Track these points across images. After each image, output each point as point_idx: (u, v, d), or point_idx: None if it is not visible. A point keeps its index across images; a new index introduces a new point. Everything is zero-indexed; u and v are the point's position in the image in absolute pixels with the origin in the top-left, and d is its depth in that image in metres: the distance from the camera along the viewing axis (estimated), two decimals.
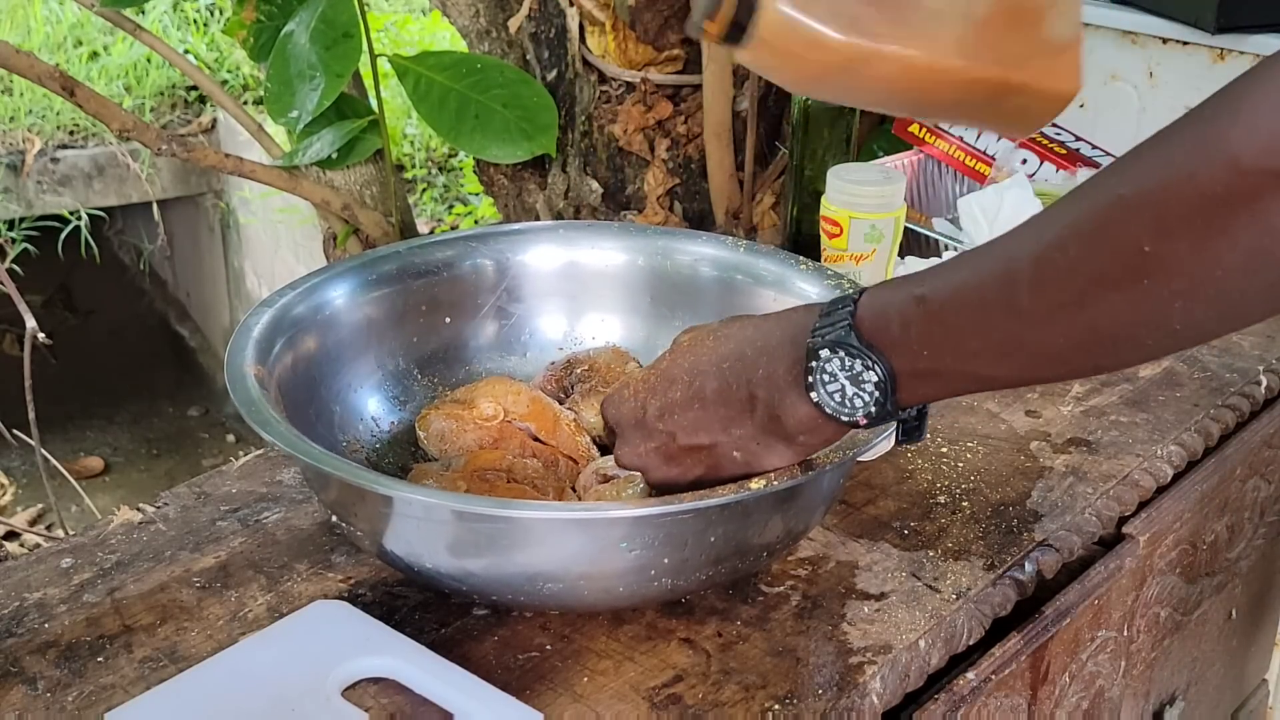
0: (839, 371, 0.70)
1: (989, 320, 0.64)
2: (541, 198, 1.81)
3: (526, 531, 0.78)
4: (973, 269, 0.65)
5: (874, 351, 0.69)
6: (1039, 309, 0.61)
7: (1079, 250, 0.59)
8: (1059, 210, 0.62)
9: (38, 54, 1.87)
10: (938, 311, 0.66)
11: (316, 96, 1.47)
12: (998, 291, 0.63)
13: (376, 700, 0.78)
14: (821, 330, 0.70)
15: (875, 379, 0.69)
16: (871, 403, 0.70)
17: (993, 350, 0.65)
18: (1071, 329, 0.61)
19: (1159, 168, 0.56)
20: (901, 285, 0.69)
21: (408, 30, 3.88)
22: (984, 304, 0.64)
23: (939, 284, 0.66)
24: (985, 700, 0.89)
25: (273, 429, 0.81)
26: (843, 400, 0.70)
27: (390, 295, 1.02)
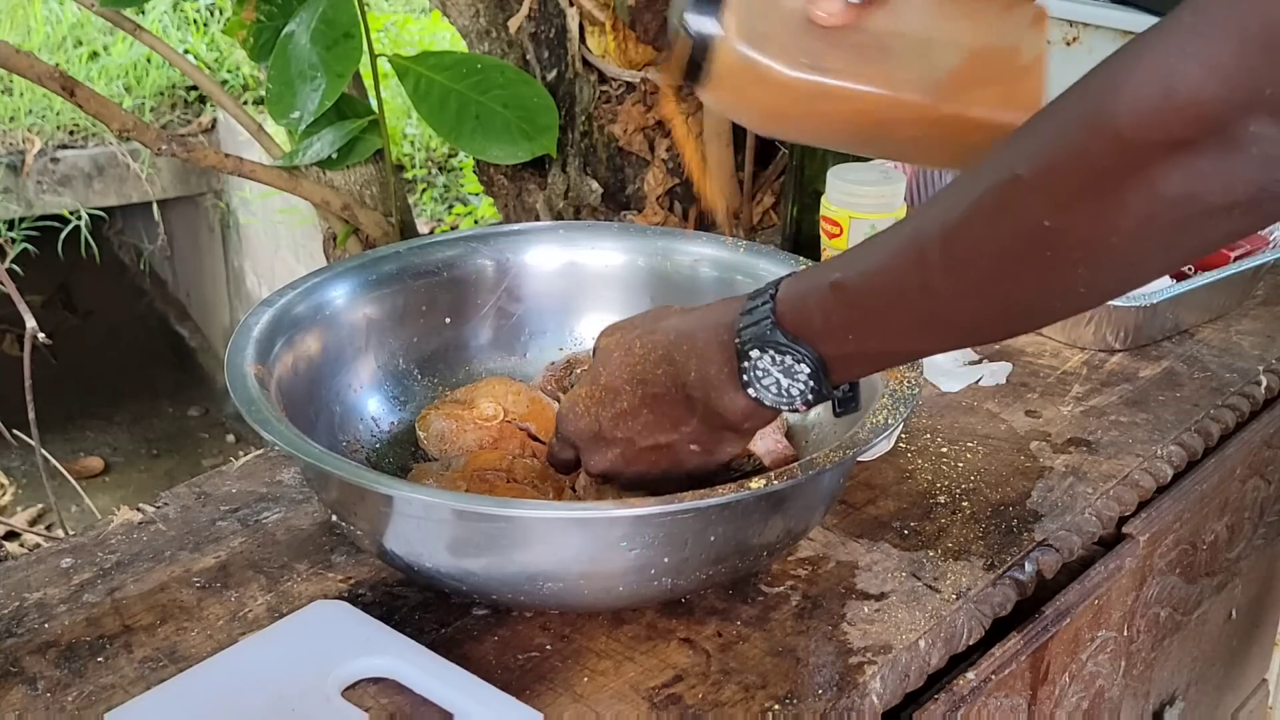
0: (771, 367, 0.72)
1: (905, 302, 0.67)
2: (541, 198, 1.81)
3: (527, 531, 0.78)
4: (885, 252, 0.68)
5: (800, 344, 0.71)
6: (951, 287, 0.64)
7: (983, 230, 0.61)
8: (962, 187, 0.63)
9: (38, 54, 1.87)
10: (855, 298, 0.69)
11: (318, 97, 1.47)
12: (911, 273, 0.65)
13: (376, 700, 0.78)
14: (746, 329, 0.72)
15: (807, 370, 0.71)
16: (808, 391, 0.72)
17: (913, 328, 0.68)
18: (984, 302, 0.64)
19: (1051, 145, 0.58)
20: (816, 274, 0.71)
21: (408, 30, 3.88)
22: (899, 287, 0.66)
23: (853, 270, 0.69)
24: (985, 700, 0.89)
25: (273, 428, 0.81)
26: (779, 392, 0.73)
27: (390, 295, 1.02)
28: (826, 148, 1.21)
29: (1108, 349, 1.22)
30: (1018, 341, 1.23)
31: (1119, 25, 1.56)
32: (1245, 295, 1.31)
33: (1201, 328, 1.26)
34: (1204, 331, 1.26)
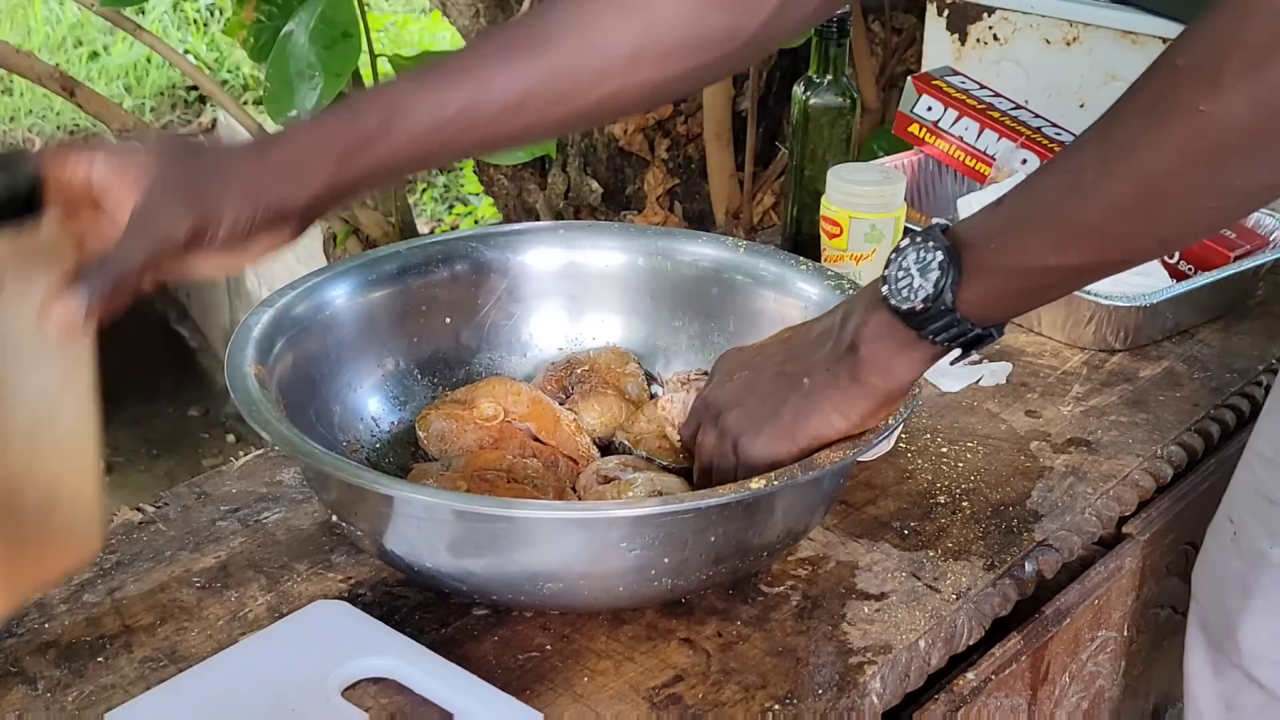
0: (912, 265, 0.74)
1: (1056, 204, 0.68)
2: (541, 198, 1.81)
3: (527, 531, 0.78)
4: (1043, 167, 0.71)
5: (947, 244, 0.73)
6: (1104, 185, 0.66)
7: (1139, 122, 0.63)
8: (1119, 99, 0.66)
9: (38, 54, 1.87)
10: (1007, 206, 0.71)
11: (315, 96, 1.47)
12: (1064, 176, 0.68)
13: (376, 700, 0.78)
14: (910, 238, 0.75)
15: (940, 260, 0.72)
16: (932, 285, 0.73)
17: (1058, 235, 0.69)
18: (1135, 200, 0.65)
19: (1207, 34, 0.60)
20: (993, 201, 0.74)
21: (408, 30, 3.88)
22: (1052, 188, 0.69)
23: (1014, 190, 0.71)
24: (985, 700, 0.90)
25: (272, 429, 0.81)
26: (908, 290, 0.74)
27: (390, 295, 1.02)
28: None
29: (1108, 349, 1.22)
30: (1018, 341, 1.23)
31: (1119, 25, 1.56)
32: (1245, 295, 1.31)
33: (1201, 328, 1.26)
34: (1204, 331, 1.26)
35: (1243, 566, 0.92)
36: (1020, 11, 1.60)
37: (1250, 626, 0.91)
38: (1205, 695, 0.95)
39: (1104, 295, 1.18)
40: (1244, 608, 0.92)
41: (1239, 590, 0.92)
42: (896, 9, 1.79)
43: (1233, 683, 0.93)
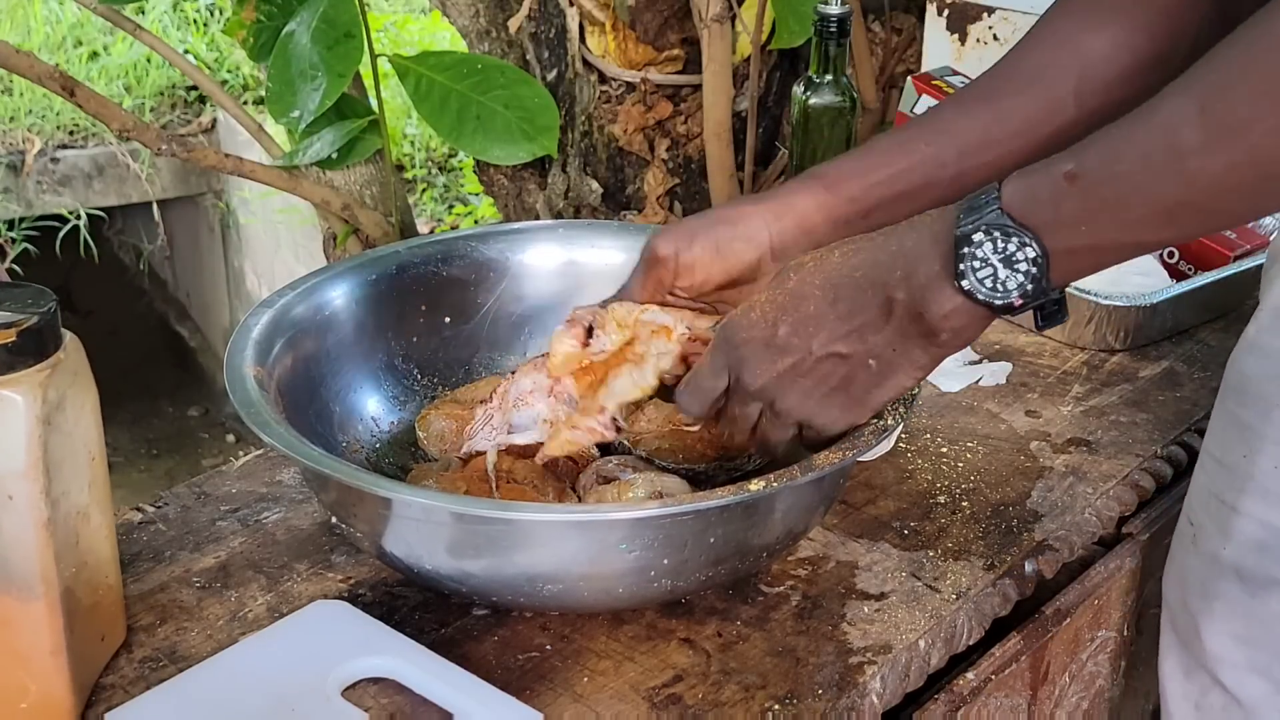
0: (991, 255, 0.70)
1: (1155, 185, 0.66)
2: (541, 198, 1.81)
3: (526, 533, 0.78)
4: (1126, 140, 0.67)
5: (1027, 231, 0.69)
6: (1209, 169, 0.64)
7: (1249, 108, 0.62)
8: (1208, 74, 0.64)
9: (38, 54, 1.87)
10: (1096, 186, 0.68)
11: (318, 96, 1.47)
12: (1162, 157, 0.65)
13: (376, 700, 0.78)
14: (968, 218, 0.71)
15: (1031, 255, 0.69)
16: (1028, 281, 0.70)
17: (1158, 215, 0.67)
18: (1244, 186, 0.64)
19: None
20: (1046, 168, 0.70)
21: (408, 30, 3.88)
22: (1148, 169, 0.66)
23: (1092, 160, 0.68)
24: (985, 700, 0.90)
25: (272, 431, 0.81)
26: (994, 284, 0.71)
27: (390, 295, 1.02)
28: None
29: (1108, 349, 1.22)
30: (1018, 341, 1.23)
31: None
32: (1245, 295, 1.31)
33: (1201, 328, 1.26)
34: (1204, 331, 1.26)
35: (1201, 568, 0.92)
36: (1020, 11, 1.60)
37: (1211, 629, 0.91)
38: (1176, 697, 0.95)
39: (1104, 295, 1.18)
40: (1204, 609, 0.91)
41: (1199, 592, 0.92)
42: (896, 9, 1.79)
43: (1200, 684, 0.93)
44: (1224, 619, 0.90)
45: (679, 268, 0.86)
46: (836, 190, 0.85)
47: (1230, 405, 0.90)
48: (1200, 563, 0.92)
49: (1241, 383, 0.88)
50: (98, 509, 0.78)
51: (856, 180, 0.85)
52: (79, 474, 0.75)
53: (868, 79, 1.73)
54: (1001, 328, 1.25)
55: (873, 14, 1.79)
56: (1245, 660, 0.89)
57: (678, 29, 1.69)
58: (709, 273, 0.86)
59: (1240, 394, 0.88)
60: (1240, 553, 0.88)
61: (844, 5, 1.26)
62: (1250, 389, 0.87)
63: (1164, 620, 0.97)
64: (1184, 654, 0.94)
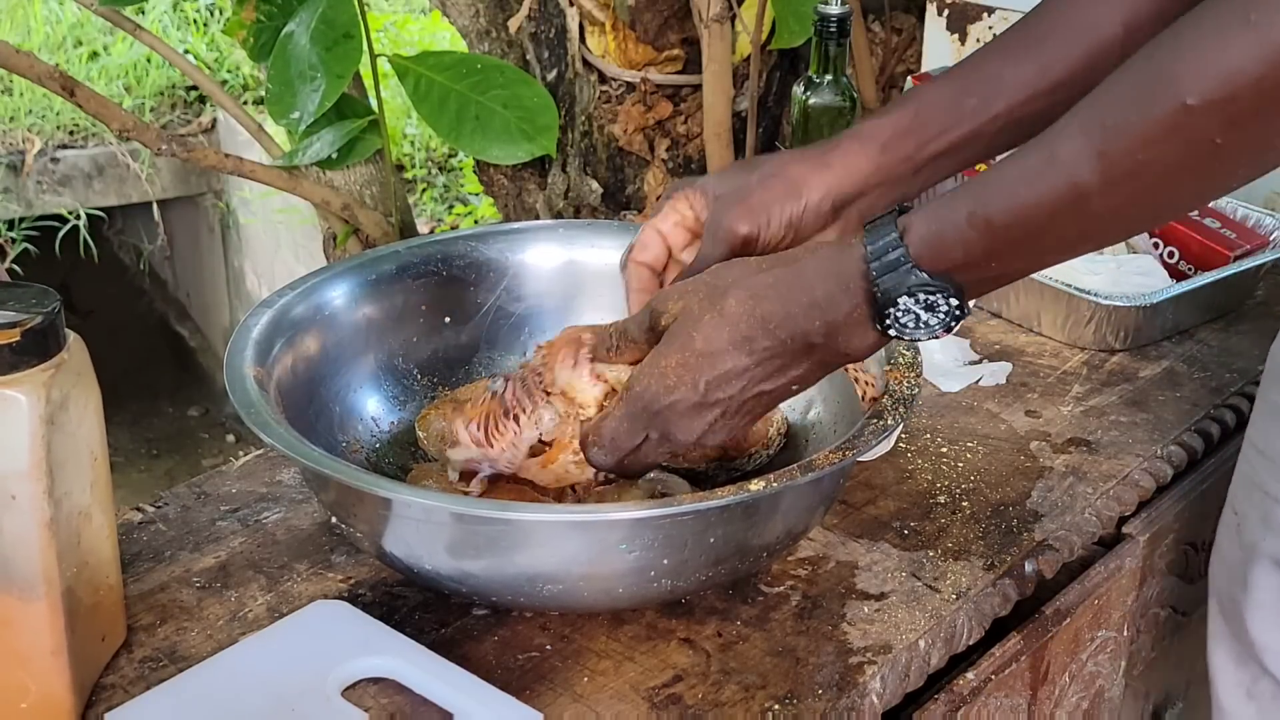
0: (914, 307, 0.73)
1: (1057, 226, 0.69)
2: (541, 198, 1.81)
3: (526, 534, 0.78)
4: (1026, 183, 0.69)
5: (942, 279, 0.72)
6: (1109, 207, 0.67)
7: (1148, 155, 0.65)
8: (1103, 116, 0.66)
9: (38, 54, 1.87)
10: (1001, 228, 0.70)
11: (318, 97, 1.47)
12: (1064, 201, 0.68)
13: (376, 700, 0.78)
14: (883, 277, 0.73)
15: (953, 303, 0.73)
16: (949, 318, 0.74)
17: (1062, 246, 0.72)
18: (1142, 212, 0.69)
19: (1217, 73, 0.61)
20: (946, 208, 0.72)
21: (408, 30, 3.88)
22: (1050, 213, 0.69)
23: (994, 204, 0.70)
24: (985, 700, 0.90)
25: (272, 431, 0.81)
26: (917, 325, 0.74)
27: (390, 295, 1.02)
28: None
29: (1108, 349, 1.22)
30: (1018, 341, 1.23)
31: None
32: (1245, 295, 1.31)
33: (1201, 328, 1.26)
34: (1204, 331, 1.26)
35: (1243, 557, 0.93)
36: (1020, 11, 1.59)
37: (1254, 618, 0.92)
38: (1228, 686, 0.96)
39: (1104, 295, 1.18)
40: (1246, 600, 0.92)
41: (1241, 582, 0.93)
42: (896, 9, 1.79)
43: (1251, 673, 0.95)
44: (1267, 608, 0.91)
45: (757, 246, 0.85)
46: (892, 151, 0.85)
47: (1272, 395, 0.91)
48: (1242, 552, 0.92)
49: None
50: (99, 509, 0.78)
51: (911, 139, 0.85)
52: (81, 474, 0.75)
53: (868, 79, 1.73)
54: (1001, 328, 1.25)
55: (873, 14, 1.79)
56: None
57: (678, 29, 1.69)
58: (776, 248, 0.86)
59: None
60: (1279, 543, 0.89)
61: (844, 5, 1.26)
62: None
63: (1211, 609, 0.98)
64: (1234, 643, 0.95)
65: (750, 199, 0.85)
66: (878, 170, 0.85)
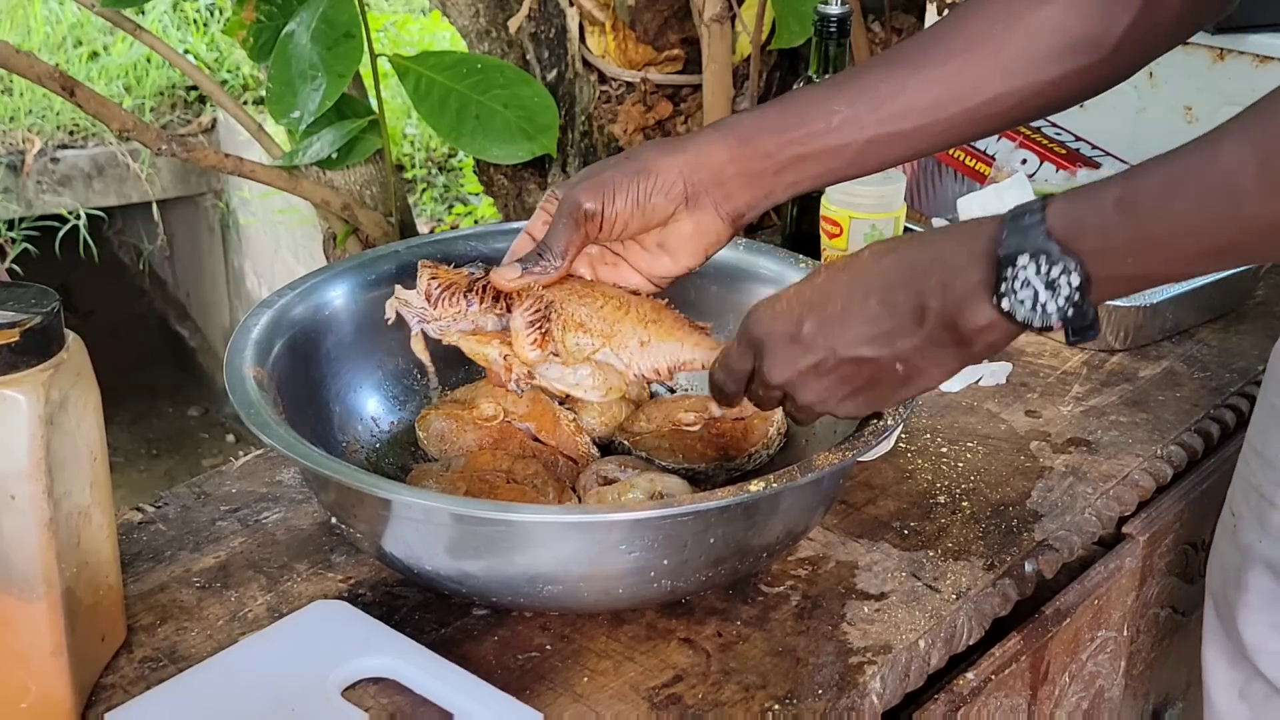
0: (1033, 278, 0.69)
1: (1209, 228, 0.66)
2: (541, 198, 1.81)
3: (526, 534, 0.78)
4: (1181, 178, 0.67)
5: (1073, 257, 0.69)
6: (1265, 216, 0.64)
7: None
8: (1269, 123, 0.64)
9: (38, 54, 1.87)
10: (1149, 220, 0.67)
11: (318, 97, 1.47)
12: (1220, 203, 0.65)
13: (376, 700, 0.78)
14: (1011, 238, 0.70)
15: (1074, 282, 0.69)
16: (1068, 306, 0.69)
17: (1208, 252, 0.68)
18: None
19: None
20: (1093, 192, 0.69)
21: (408, 30, 3.88)
22: (1203, 213, 0.66)
23: (1145, 194, 0.67)
24: (985, 700, 0.90)
25: (272, 432, 0.81)
26: (1034, 306, 0.70)
27: (390, 295, 1.02)
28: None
29: (1108, 349, 1.22)
30: (1018, 341, 1.23)
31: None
32: (1245, 295, 1.31)
33: (1201, 328, 1.26)
34: (1204, 331, 1.26)
35: (1238, 559, 0.93)
36: None
37: (1247, 620, 0.92)
38: (1219, 685, 0.97)
39: None
40: (1240, 601, 0.92)
41: (1235, 583, 0.93)
42: (896, 9, 1.79)
43: (1244, 673, 0.95)
44: (1259, 610, 0.91)
45: (603, 221, 0.85)
46: (751, 144, 0.85)
47: (1271, 397, 0.91)
48: (1238, 553, 0.93)
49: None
50: (99, 509, 0.78)
51: (772, 136, 0.84)
52: (81, 474, 0.75)
53: None
54: None
55: (873, 14, 1.79)
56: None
57: (678, 29, 1.69)
58: (627, 225, 0.86)
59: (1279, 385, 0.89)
60: (1274, 547, 0.89)
61: (844, 5, 1.26)
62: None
63: (1207, 609, 0.99)
64: (1227, 643, 0.95)
65: (597, 178, 0.86)
66: (733, 160, 0.85)
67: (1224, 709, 0.97)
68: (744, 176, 0.85)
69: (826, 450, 0.81)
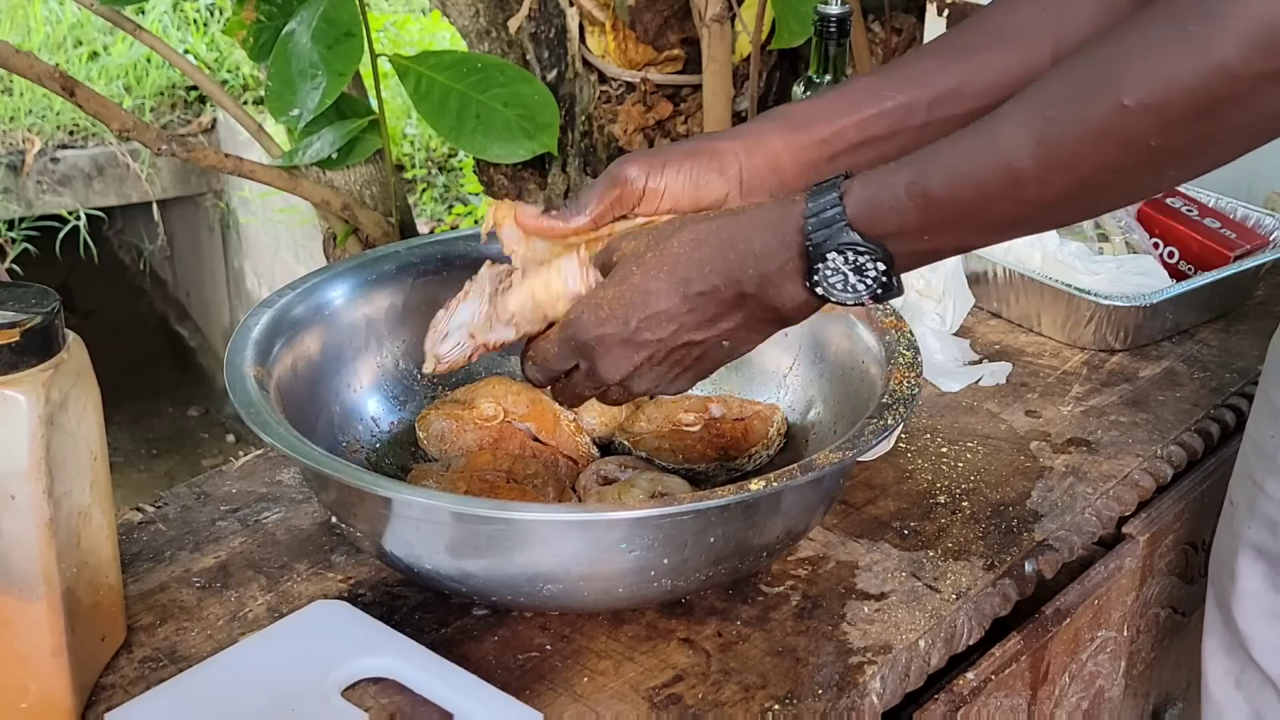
0: (842, 266, 0.74)
1: (992, 207, 0.71)
2: (541, 197, 1.81)
3: (526, 533, 0.78)
4: (965, 162, 0.71)
5: (873, 243, 0.74)
6: (1044, 196, 0.69)
7: (1085, 148, 0.66)
8: (1045, 106, 0.68)
9: (38, 54, 1.87)
10: (937, 203, 0.72)
11: (318, 95, 1.47)
12: (1001, 184, 0.70)
13: (376, 700, 0.78)
14: (817, 231, 0.74)
15: (880, 268, 0.74)
16: (876, 285, 0.75)
17: (995, 227, 0.73)
18: (1074, 206, 0.71)
19: (1155, 78, 0.63)
20: (888, 176, 0.73)
21: (408, 30, 3.88)
22: (985, 195, 0.70)
23: (933, 179, 0.72)
24: (985, 700, 0.90)
25: (272, 431, 0.81)
26: (845, 287, 0.75)
27: (390, 295, 1.02)
28: None
29: (1108, 349, 1.22)
30: (1018, 341, 1.23)
31: None
32: (1245, 295, 1.31)
33: (1201, 328, 1.26)
34: (1204, 331, 1.26)
35: (1232, 546, 0.94)
36: None
37: (1241, 608, 0.93)
38: (1216, 674, 0.97)
39: (1104, 295, 1.18)
40: (1234, 589, 0.93)
41: (1230, 571, 0.94)
42: (896, 9, 1.79)
43: (1239, 661, 0.95)
44: (1251, 598, 0.92)
45: (646, 193, 0.85)
46: (806, 132, 0.85)
47: (1266, 387, 0.92)
48: (1232, 541, 0.93)
49: (1277, 364, 0.90)
50: (99, 509, 0.78)
51: (826, 124, 0.85)
52: (81, 474, 0.75)
53: None
54: (1001, 328, 1.25)
55: (873, 14, 1.79)
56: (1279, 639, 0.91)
57: (678, 29, 1.69)
58: (677, 202, 0.86)
59: (1276, 376, 0.91)
60: (1261, 532, 0.90)
61: (844, 5, 1.26)
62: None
63: (1208, 598, 0.99)
64: (1224, 632, 0.96)
65: (651, 151, 0.87)
66: (788, 147, 0.85)
67: (1220, 698, 0.98)
68: (798, 164, 0.86)
69: (826, 450, 0.81)
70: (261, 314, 0.93)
